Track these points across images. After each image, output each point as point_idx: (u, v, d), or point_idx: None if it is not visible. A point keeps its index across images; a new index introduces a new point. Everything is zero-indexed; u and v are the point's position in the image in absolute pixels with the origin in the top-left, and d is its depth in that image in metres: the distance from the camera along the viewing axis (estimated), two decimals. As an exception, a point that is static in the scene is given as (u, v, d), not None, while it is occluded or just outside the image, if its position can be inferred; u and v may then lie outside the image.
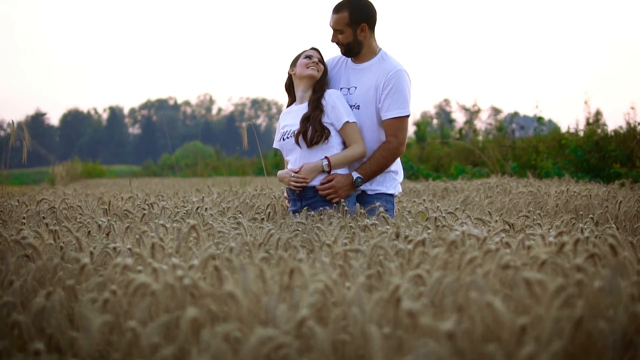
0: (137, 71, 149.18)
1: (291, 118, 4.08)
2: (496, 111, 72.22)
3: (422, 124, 27.88)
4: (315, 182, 3.94)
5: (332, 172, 3.93)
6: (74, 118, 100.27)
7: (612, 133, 17.98)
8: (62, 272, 1.92)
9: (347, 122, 3.94)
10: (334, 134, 3.96)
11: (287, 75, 4.18)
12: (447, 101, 76.39)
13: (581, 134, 16.21)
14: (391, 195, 4.11)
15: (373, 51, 4.11)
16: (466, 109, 73.81)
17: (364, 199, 4.06)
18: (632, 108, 16.02)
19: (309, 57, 4.09)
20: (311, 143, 3.91)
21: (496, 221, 3.79)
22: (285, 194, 4.18)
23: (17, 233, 2.74)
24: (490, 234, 2.90)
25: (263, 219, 3.44)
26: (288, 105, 4.23)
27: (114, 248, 2.52)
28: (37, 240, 2.63)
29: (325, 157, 3.92)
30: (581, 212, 3.96)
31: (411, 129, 30.70)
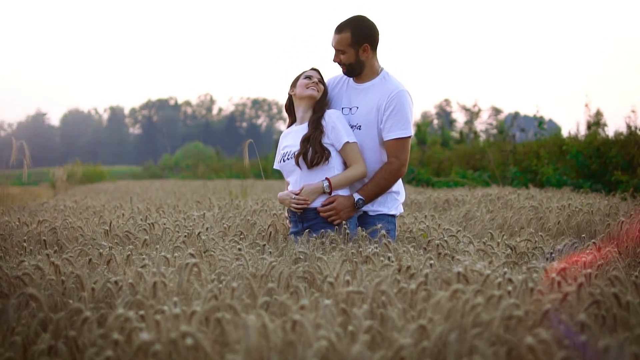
0: (137, 71, 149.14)
1: (291, 139, 4.07)
2: (496, 111, 72.12)
3: (423, 126, 27.86)
4: (317, 203, 3.93)
5: (333, 193, 3.92)
6: (74, 118, 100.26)
7: (613, 137, 17.96)
8: (64, 318, 1.91)
9: (348, 142, 3.93)
10: (334, 155, 3.95)
11: (287, 96, 4.18)
12: (447, 101, 76.33)
13: (582, 137, 16.22)
14: (393, 215, 4.10)
15: (375, 71, 4.10)
16: (467, 109, 73.77)
17: (365, 219, 4.05)
18: (633, 111, 16.00)
19: (308, 77, 4.08)
20: (311, 164, 3.90)
21: (498, 244, 3.77)
22: (287, 214, 4.16)
23: (18, 265, 2.73)
24: (494, 263, 2.90)
25: (265, 244, 3.42)
26: (288, 126, 4.22)
27: (116, 282, 2.52)
28: (37, 273, 2.63)
29: (326, 178, 3.91)
30: (583, 235, 3.95)
31: (411, 131, 30.75)
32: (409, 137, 4.00)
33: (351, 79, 4.16)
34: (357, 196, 3.94)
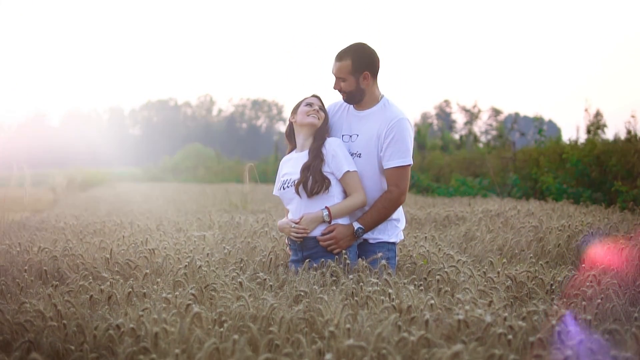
0: (137, 72, 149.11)
1: (291, 166, 4.08)
2: (496, 112, 72.06)
3: (423, 129, 27.86)
4: (316, 232, 3.93)
5: (332, 222, 3.93)
6: (74, 119, 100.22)
7: (613, 140, 17.94)
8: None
9: (348, 171, 3.94)
10: (334, 183, 3.96)
11: (288, 122, 4.19)
12: (447, 102, 76.30)
13: (582, 143, 16.20)
14: (393, 243, 4.11)
15: (375, 98, 4.11)
16: (466, 110, 73.69)
17: (365, 247, 4.06)
18: (633, 116, 16.02)
19: (309, 104, 4.09)
20: (311, 193, 3.91)
21: (498, 273, 3.78)
22: (287, 241, 4.17)
23: (19, 307, 2.74)
24: (494, 304, 2.90)
25: (265, 279, 3.42)
26: (289, 152, 4.23)
27: (117, 326, 2.53)
28: (39, 316, 2.63)
29: (326, 207, 3.92)
30: (583, 265, 3.96)
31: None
32: (409, 165, 4.01)
33: (352, 105, 4.17)
34: (356, 225, 3.95)
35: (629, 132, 15.60)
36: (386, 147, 3.99)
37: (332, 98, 4.38)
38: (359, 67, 4.02)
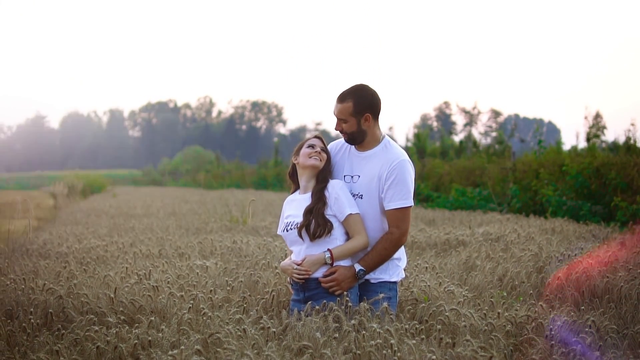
0: (136, 74, 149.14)
1: (294, 208, 4.12)
2: (496, 114, 72.11)
3: (423, 135, 27.88)
4: (318, 273, 3.98)
5: (334, 264, 3.98)
6: (74, 121, 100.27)
7: (612, 144, 17.95)
8: None
9: (350, 214, 3.99)
10: (336, 226, 4.01)
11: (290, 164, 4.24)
12: (447, 104, 76.38)
13: (582, 149, 16.22)
14: (394, 282, 4.16)
15: (376, 139, 4.16)
16: (466, 112, 73.74)
17: (367, 287, 4.10)
18: (632, 124, 16.07)
19: (311, 146, 4.13)
20: (314, 237, 3.97)
21: (499, 315, 3.83)
22: (289, 280, 4.21)
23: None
24: (495, 357, 2.94)
25: (269, 327, 3.46)
26: (292, 191, 4.28)
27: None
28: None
29: (328, 250, 3.96)
30: (582, 307, 4.00)
31: (411, 139, 30.70)
32: (410, 206, 4.06)
33: (353, 146, 4.21)
34: (358, 267, 3.99)
35: (628, 139, 15.64)
36: (387, 188, 4.04)
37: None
38: (360, 109, 4.07)
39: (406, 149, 25.79)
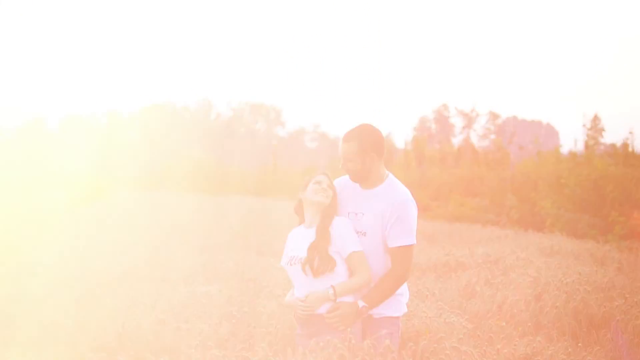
0: (136, 76, 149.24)
1: (299, 242, 4.22)
2: (494, 116, 72.20)
3: (422, 142, 27.96)
4: (322, 309, 4.09)
5: (337, 300, 4.09)
6: (73, 122, 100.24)
7: (611, 147, 18.05)
8: None
9: (354, 251, 4.10)
10: (340, 262, 4.12)
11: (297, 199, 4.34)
12: (445, 106, 76.42)
13: (580, 156, 16.33)
14: (397, 317, 4.26)
15: (380, 177, 4.28)
16: (464, 114, 73.79)
17: (370, 322, 4.20)
18: (631, 132, 16.18)
19: (318, 182, 4.25)
20: (317, 273, 4.08)
21: (498, 351, 3.93)
22: (294, 315, 4.32)
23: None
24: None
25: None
26: (298, 224, 4.38)
27: None
28: None
29: (332, 286, 4.07)
30: (579, 343, 4.12)
31: (411, 144, 30.76)
32: (413, 245, 4.17)
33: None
34: (361, 303, 4.10)
35: (626, 145, 15.76)
36: (391, 226, 4.15)
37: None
38: (365, 149, 4.19)
39: (404, 154, 25.92)
